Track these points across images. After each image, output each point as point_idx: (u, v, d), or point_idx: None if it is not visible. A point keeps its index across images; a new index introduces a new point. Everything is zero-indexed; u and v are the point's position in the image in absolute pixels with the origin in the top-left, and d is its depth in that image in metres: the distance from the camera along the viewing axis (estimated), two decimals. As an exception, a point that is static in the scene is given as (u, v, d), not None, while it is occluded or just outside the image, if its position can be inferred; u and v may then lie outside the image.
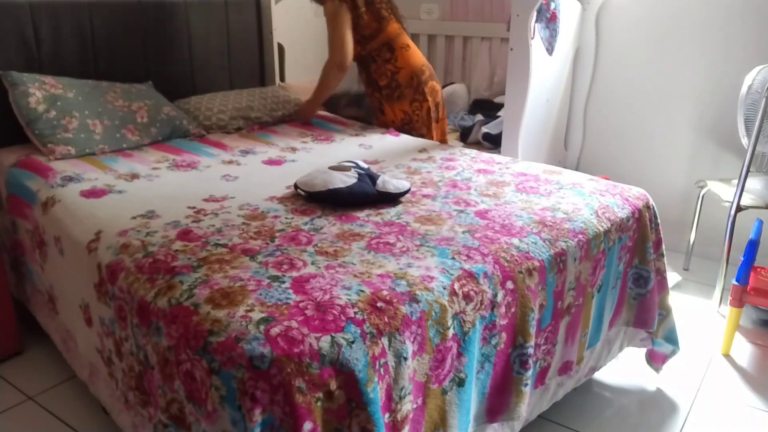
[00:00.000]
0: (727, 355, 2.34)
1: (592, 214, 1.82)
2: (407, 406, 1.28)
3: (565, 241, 1.66)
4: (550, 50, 2.98)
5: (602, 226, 1.79)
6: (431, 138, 2.89)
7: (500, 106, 3.42)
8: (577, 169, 3.49)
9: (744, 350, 2.38)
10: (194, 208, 1.79)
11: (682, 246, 3.16)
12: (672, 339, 2.08)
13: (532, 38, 2.77)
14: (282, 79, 3.48)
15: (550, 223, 1.72)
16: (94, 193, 1.93)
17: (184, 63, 3.02)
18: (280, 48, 3.45)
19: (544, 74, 3.00)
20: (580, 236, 1.71)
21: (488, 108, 3.56)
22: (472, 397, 1.46)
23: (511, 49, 2.81)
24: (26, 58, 2.48)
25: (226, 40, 3.17)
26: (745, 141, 2.61)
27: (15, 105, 2.29)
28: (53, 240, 1.85)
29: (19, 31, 2.44)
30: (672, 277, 2.88)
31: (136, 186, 2.00)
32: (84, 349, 1.76)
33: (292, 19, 3.49)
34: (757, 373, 2.24)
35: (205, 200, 1.86)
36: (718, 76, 2.96)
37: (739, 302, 2.30)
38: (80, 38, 2.62)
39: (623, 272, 1.93)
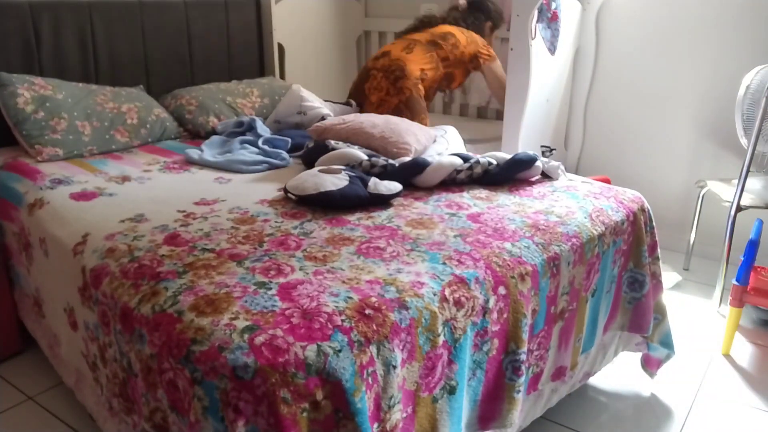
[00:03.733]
0: (727, 355, 2.32)
1: (586, 218, 1.79)
2: (396, 415, 1.25)
3: (558, 245, 1.64)
4: (552, 50, 2.96)
5: (596, 230, 1.76)
6: None
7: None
8: (577, 169, 3.48)
9: (744, 350, 2.36)
10: (184, 211, 1.76)
11: (682, 246, 3.15)
12: (667, 343, 2.06)
13: (533, 38, 2.75)
14: (282, 79, 3.45)
15: (543, 227, 1.70)
16: (84, 196, 1.91)
17: (184, 63, 3.00)
18: (280, 48, 3.43)
19: (545, 74, 2.98)
20: (574, 240, 1.68)
21: None
22: (464, 404, 1.43)
23: (511, 49, 2.80)
24: (26, 58, 2.47)
25: (226, 40, 3.16)
26: (743, 141, 2.60)
27: (3, 106, 2.26)
28: (38, 242, 1.82)
29: (20, 31, 2.43)
30: (672, 277, 2.87)
31: (127, 189, 1.98)
32: (68, 353, 1.74)
33: (292, 19, 3.47)
34: (757, 373, 2.22)
35: (196, 203, 1.84)
36: (719, 75, 2.95)
37: (739, 302, 2.29)
38: (80, 38, 2.61)
39: (618, 276, 1.90)
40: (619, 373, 2.21)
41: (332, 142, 2.20)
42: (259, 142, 2.38)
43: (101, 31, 2.67)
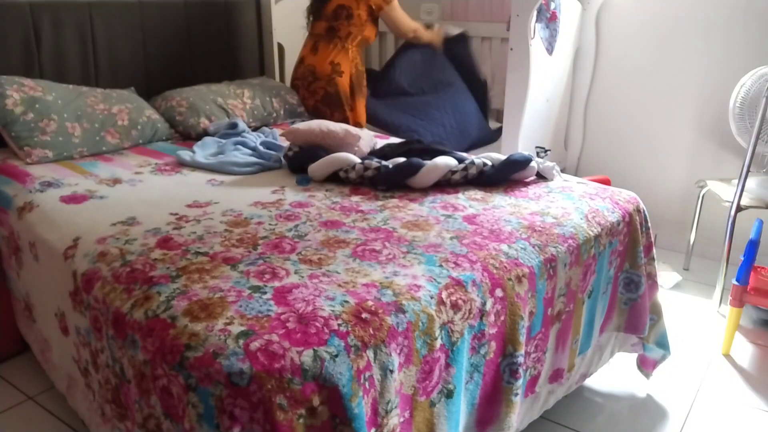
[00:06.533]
0: (727, 355, 2.32)
1: (582, 219, 1.78)
2: (394, 420, 1.24)
3: (554, 247, 1.63)
4: (550, 50, 2.96)
5: (592, 231, 1.75)
6: None
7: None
8: (577, 169, 3.47)
9: (744, 350, 2.36)
10: (176, 214, 1.74)
11: (682, 246, 3.15)
12: (663, 344, 2.06)
13: (532, 38, 2.75)
14: (282, 79, 3.44)
15: (540, 228, 1.69)
16: (74, 199, 1.88)
17: (184, 63, 2.98)
18: (280, 48, 3.42)
19: (544, 74, 2.98)
20: (570, 241, 1.67)
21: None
22: (461, 408, 1.42)
23: (511, 49, 2.79)
24: (26, 58, 2.45)
25: (226, 40, 3.15)
26: (740, 140, 2.60)
27: (-9, 107, 2.23)
28: (28, 246, 1.80)
29: (20, 31, 2.41)
30: (672, 277, 2.86)
31: (118, 191, 1.95)
32: (60, 358, 1.72)
33: (292, 19, 3.45)
34: (757, 373, 2.22)
35: (189, 206, 1.81)
36: (719, 76, 2.95)
37: (739, 302, 2.29)
38: (80, 38, 2.59)
39: (614, 277, 1.90)
40: (615, 374, 2.20)
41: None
42: (257, 143, 2.36)
43: (101, 31, 2.65)
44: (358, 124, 3.01)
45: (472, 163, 2.02)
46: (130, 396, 1.28)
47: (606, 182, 2.72)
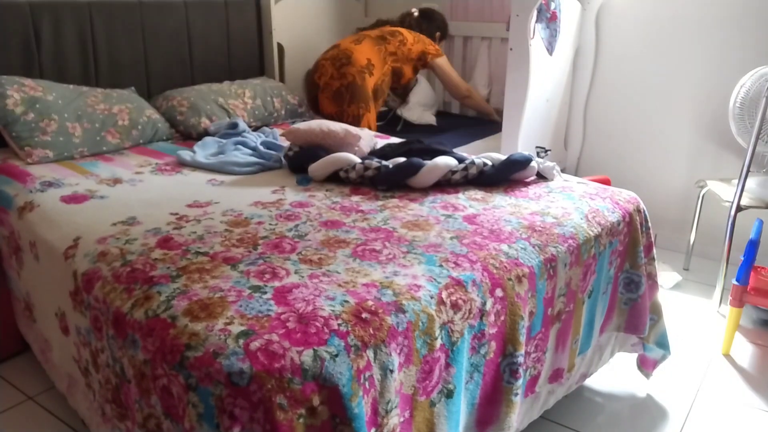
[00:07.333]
0: (727, 355, 2.32)
1: (582, 219, 1.78)
2: (394, 419, 1.24)
3: (554, 247, 1.63)
4: (550, 50, 2.97)
5: (593, 231, 1.75)
6: None
7: None
8: (577, 169, 3.48)
9: (744, 350, 2.36)
10: (177, 214, 1.74)
11: (682, 246, 3.15)
12: (663, 344, 2.06)
13: (533, 38, 2.76)
14: (282, 79, 3.45)
15: (540, 228, 1.69)
16: (74, 199, 1.88)
17: (184, 63, 2.99)
18: (280, 48, 3.42)
19: (544, 74, 2.98)
20: (570, 241, 1.68)
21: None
22: (461, 408, 1.42)
23: (511, 49, 2.79)
24: (26, 59, 2.46)
25: (226, 40, 3.15)
26: (740, 140, 2.60)
27: (-8, 107, 2.23)
28: (28, 245, 1.80)
29: (20, 32, 2.42)
30: (672, 277, 2.87)
31: (118, 191, 1.95)
32: (60, 358, 1.72)
33: (292, 19, 3.46)
34: (757, 373, 2.22)
35: (189, 206, 1.81)
36: (718, 76, 2.95)
37: (739, 302, 2.29)
38: (80, 38, 2.60)
39: (614, 277, 1.90)
40: (615, 374, 2.21)
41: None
42: (258, 143, 2.37)
43: (101, 31, 2.65)
44: (371, 128, 3.01)
45: (473, 163, 2.03)
46: (130, 396, 1.28)
47: (606, 182, 2.73)
